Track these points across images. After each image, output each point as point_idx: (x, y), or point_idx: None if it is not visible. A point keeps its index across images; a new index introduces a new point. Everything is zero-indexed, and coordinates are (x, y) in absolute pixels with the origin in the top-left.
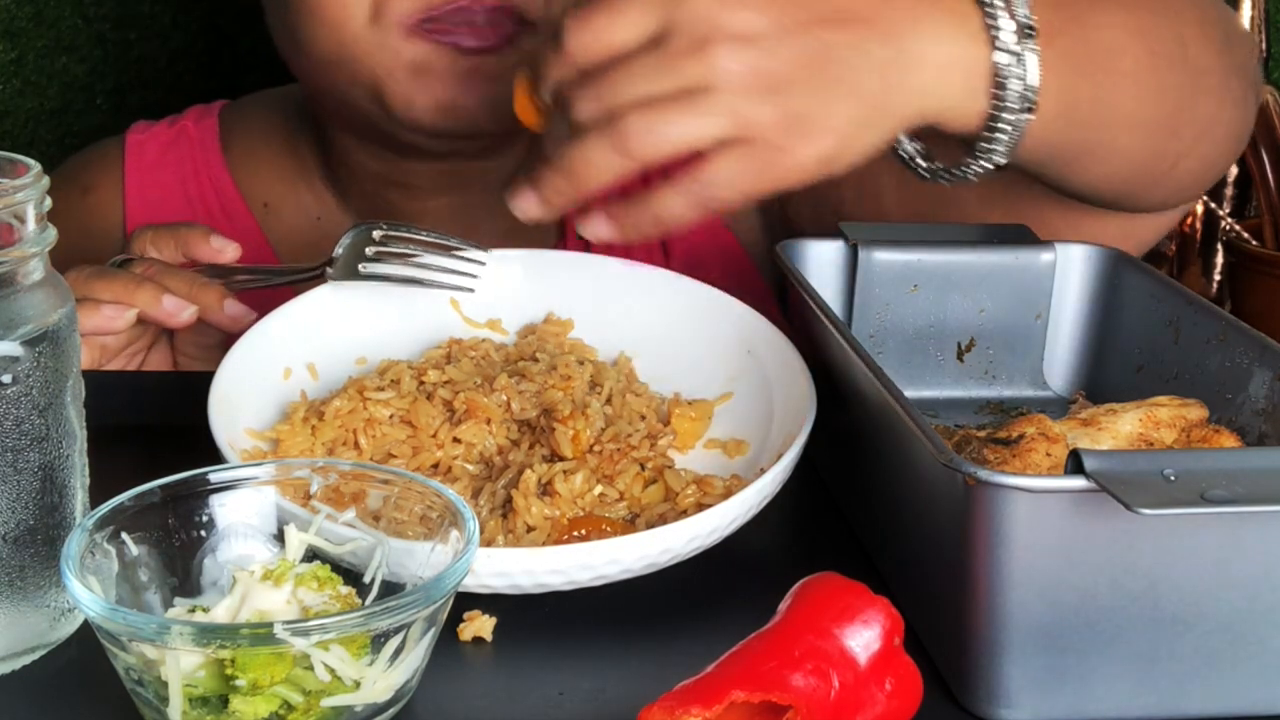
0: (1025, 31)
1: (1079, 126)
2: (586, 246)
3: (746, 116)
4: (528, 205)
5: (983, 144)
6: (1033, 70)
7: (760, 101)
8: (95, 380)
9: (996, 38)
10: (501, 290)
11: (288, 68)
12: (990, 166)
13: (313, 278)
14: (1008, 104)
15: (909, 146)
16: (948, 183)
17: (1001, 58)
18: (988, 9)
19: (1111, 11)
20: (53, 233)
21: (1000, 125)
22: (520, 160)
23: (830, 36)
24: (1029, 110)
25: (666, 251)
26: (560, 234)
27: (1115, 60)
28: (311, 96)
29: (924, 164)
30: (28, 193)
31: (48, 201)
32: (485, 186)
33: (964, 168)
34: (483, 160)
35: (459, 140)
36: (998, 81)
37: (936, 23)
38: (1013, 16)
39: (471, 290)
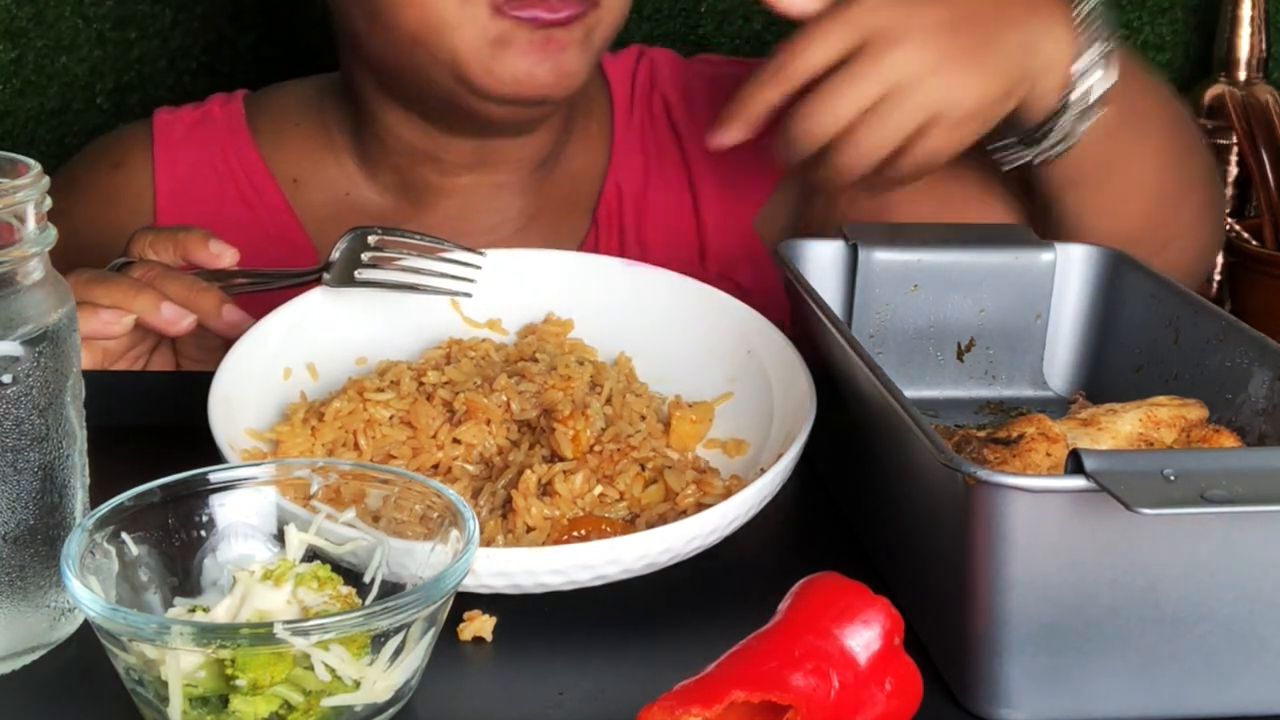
0: (1103, 57)
1: (1104, 165)
2: (596, 249)
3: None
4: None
5: (1040, 133)
6: (1098, 89)
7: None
8: (95, 380)
9: (1081, 57)
10: (501, 290)
11: (338, 42)
12: (1032, 156)
13: (310, 282)
14: (1070, 105)
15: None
16: (1002, 163)
17: (1079, 66)
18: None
19: (1150, 100)
20: (53, 233)
21: (1058, 122)
22: (549, 145)
23: (981, 31)
24: (1085, 116)
25: (703, 254)
26: (592, 219)
27: (1145, 124)
28: (367, 69)
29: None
30: (28, 193)
31: (48, 201)
32: (514, 166)
33: (1012, 154)
34: (522, 137)
35: (526, 107)
36: (1070, 88)
37: (1051, 32)
38: (1097, 41)
39: (469, 295)
